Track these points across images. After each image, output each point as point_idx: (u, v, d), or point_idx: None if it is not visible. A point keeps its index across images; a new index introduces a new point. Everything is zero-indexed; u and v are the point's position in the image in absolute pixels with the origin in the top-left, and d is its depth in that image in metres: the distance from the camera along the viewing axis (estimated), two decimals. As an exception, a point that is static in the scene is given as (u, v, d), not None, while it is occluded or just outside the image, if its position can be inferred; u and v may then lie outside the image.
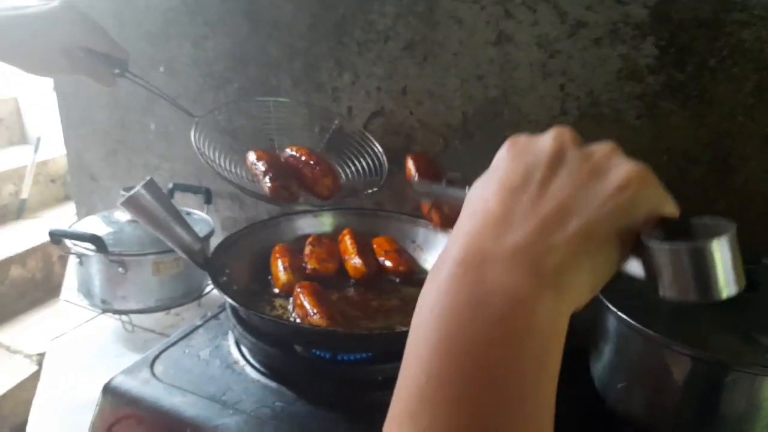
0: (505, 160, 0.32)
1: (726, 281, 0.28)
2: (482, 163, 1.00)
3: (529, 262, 0.27)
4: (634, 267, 0.30)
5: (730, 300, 0.59)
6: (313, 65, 1.04)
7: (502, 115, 0.91)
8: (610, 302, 0.59)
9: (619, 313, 0.58)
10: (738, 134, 0.76)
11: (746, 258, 0.59)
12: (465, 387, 0.25)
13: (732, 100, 0.75)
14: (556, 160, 0.30)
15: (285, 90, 1.06)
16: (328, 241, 0.90)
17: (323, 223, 0.97)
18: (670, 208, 0.30)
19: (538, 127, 0.88)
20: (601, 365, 0.65)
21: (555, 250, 0.27)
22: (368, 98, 1.01)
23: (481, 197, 0.30)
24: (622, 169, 0.29)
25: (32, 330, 2.08)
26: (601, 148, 0.30)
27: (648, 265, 0.29)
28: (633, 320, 0.57)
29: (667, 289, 0.29)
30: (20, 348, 1.98)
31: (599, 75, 0.82)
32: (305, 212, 0.95)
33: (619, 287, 0.62)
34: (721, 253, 0.27)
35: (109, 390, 0.70)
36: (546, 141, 0.31)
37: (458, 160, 0.96)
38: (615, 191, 0.28)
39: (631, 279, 0.66)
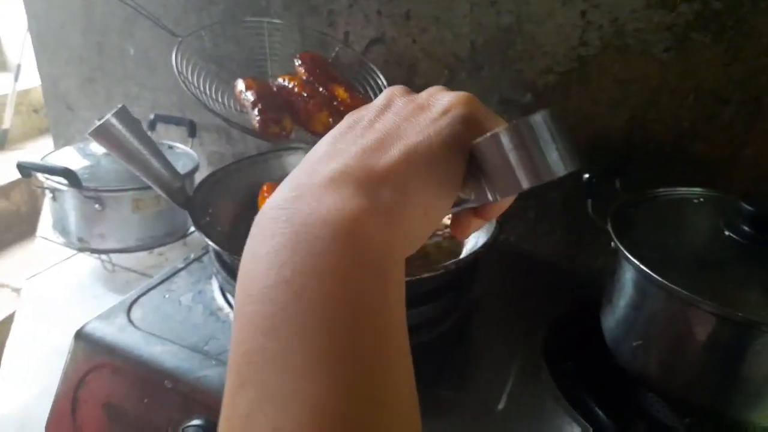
0: (345, 119, 0.30)
1: (551, 159, 0.26)
2: (491, 97, 0.92)
3: (347, 184, 0.25)
4: (473, 193, 0.29)
5: (764, 255, 0.53)
6: (307, -15, 0.94)
7: (514, 45, 0.82)
8: (630, 252, 0.54)
9: (640, 265, 0.53)
10: (776, 71, 0.69)
11: None
12: (295, 331, 0.21)
13: (774, 32, 0.67)
14: (384, 106, 0.29)
15: (275, 12, 0.96)
16: None
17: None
18: (498, 122, 0.29)
19: (553, 59, 0.80)
20: (614, 320, 0.60)
21: (375, 171, 0.25)
22: (367, 23, 0.91)
23: (315, 147, 0.29)
24: (445, 98, 0.29)
25: (18, 264, 2.04)
26: (428, 90, 0.30)
27: (479, 173, 0.28)
28: (654, 273, 0.51)
29: (498, 188, 0.28)
30: (6, 282, 1.95)
31: (626, 1, 0.73)
32: (297, 148, 0.88)
33: (638, 238, 0.57)
34: (538, 129, 0.26)
35: (81, 336, 0.65)
36: (378, 98, 0.31)
37: (464, 95, 0.88)
38: (438, 116, 0.28)
39: (653, 228, 0.61)
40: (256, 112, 0.74)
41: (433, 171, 0.26)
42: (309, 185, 0.25)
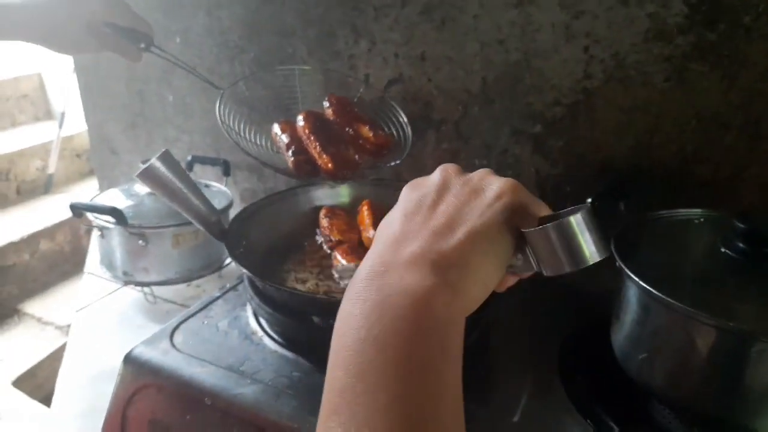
0: (404, 195, 0.38)
1: (589, 250, 0.33)
2: (502, 129, 0.97)
3: (423, 265, 0.32)
4: (521, 262, 0.35)
5: (760, 270, 0.57)
6: (329, 32, 1.01)
7: (523, 80, 0.88)
8: (633, 272, 0.58)
9: (642, 284, 0.56)
10: (772, 96, 0.72)
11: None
12: (378, 377, 0.29)
13: (766, 60, 0.71)
14: (443, 188, 0.36)
15: (301, 58, 1.05)
16: (342, 213, 0.89)
17: (340, 194, 0.96)
18: (541, 209, 0.36)
19: (560, 92, 0.85)
20: (622, 336, 0.63)
21: (445, 254, 0.32)
22: (385, 65, 0.98)
23: (385, 224, 0.36)
24: (495, 184, 0.35)
25: (62, 302, 2.14)
26: (478, 174, 0.37)
27: (529, 254, 0.34)
28: (656, 290, 0.55)
29: (546, 267, 0.34)
30: (51, 320, 2.05)
31: (626, 36, 0.78)
32: (322, 184, 0.94)
33: (641, 257, 0.61)
34: (579, 227, 0.33)
35: (129, 360, 0.71)
36: (435, 176, 0.38)
37: (478, 128, 0.94)
38: (491, 201, 0.34)
39: (654, 250, 0.64)
40: (290, 153, 0.81)
41: (491, 249, 0.33)
42: (394, 263, 0.32)
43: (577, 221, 0.33)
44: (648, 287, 0.55)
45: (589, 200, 0.70)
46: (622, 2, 0.77)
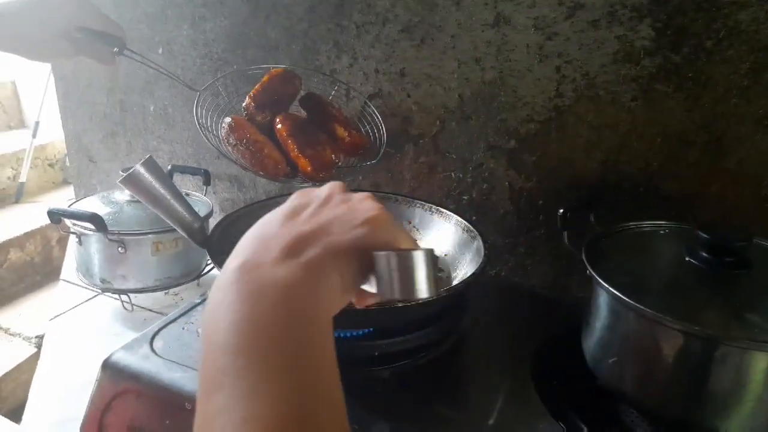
0: (290, 200, 0.40)
1: (420, 286, 0.36)
2: (478, 144, 1.00)
3: (291, 264, 0.34)
4: (371, 284, 0.38)
5: (722, 278, 0.60)
6: (312, 48, 1.04)
7: (498, 97, 0.91)
8: (603, 279, 0.60)
9: (612, 290, 0.59)
10: (732, 116, 0.77)
11: (739, 236, 0.61)
12: (259, 352, 0.31)
13: (727, 81, 0.76)
14: (324, 201, 0.39)
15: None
16: None
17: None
18: (403, 243, 0.38)
19: (533, 109, 0.89)
20: (592, 342, 0.66)
21: (311, 257, 0.35)
22: (366, 80, 1.01)
23: (263, 223, 0.39)
24: (369, 209, 0.38)
25: (31, 313, 2.09)
26: (359, 195, 0.41)
27: (376, 275, 0.37)
28: (625, 296, 0.58)
29: (382, 290, 0.37)
30: (19, 330, 2.00)
31: (596, 57, 0.83)
32: (301, 185, 0.96)
33: (610, 265, 0.64)
34: (416, 263, 0.36)
35: (108, 365, 0.71)
36: (322, 189, 0.41)
37: (454, 142, 0.97)
38: (359, 224, 0.37)
39: (623, 257, 0.68)
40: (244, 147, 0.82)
41: (344, 265, 0.36)
42: (266, 260, 0.35)
43: (417, 256, 0.36)
44: (618, 293, 0.58)
45: (561, 210, 0.74)
46: (593, 25, 0.81)
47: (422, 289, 0.36)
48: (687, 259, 0.62)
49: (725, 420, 0.57)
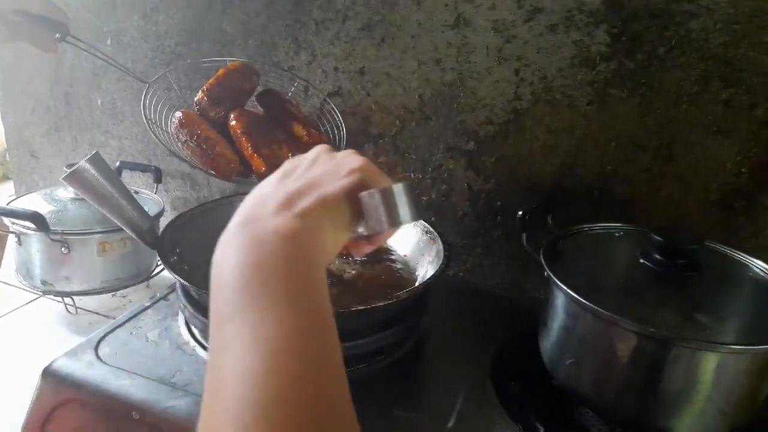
0: (283, 166, 0.45)
1: (404, 214, 0.40)
2: (437, 145, 1.00)
3: (287, 215, 0.38)
4: (362, 228, 0.42)
5: (674, 280, 0.61)
6: (269, 43, 1.01)
7: (457, 98, 0.91)
8: (560, 280, 0.61)
9: (568, 291, 0.59)
10: (683, 122, 0.79)
11: (691, 239, 0.62)
12: (262, 287, 0.34)
13: (678, 88, 0.78)
14: (313, 161, 0.44)
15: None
16: None
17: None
18: (383, 182, 0.42)
19: (492, 111, 0.89)
20: (549, 343, 0.67)
21: (304, 207, 0.39)
22: (325, 78, 0.99)
23: (260, 186, 0.43)
24: (353, 161, 0.43)
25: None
26: (343, 152, 0.45)
27: (362, 214, 0.41)
28: (581, 297, 0.58)
29: (369, 225, 0.41)
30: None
31: (553, 61, 0.83)
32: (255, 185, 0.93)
33: (567, 267, 0.64)
34: (398, 194, 0.40)
35: (49, 374, 0.67)
36: (310, 153, 0.45)
37: (414, 143, 0.97)
38: (345, 174, 0.41)
39: (579, 259, 0.68)
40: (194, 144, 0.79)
41: (336, 212, 0.40)
42: (263, 214, 0.39)
43: (397, 189, 0.40)
44: (575, 295, 0.59)
45: (520, 212, 0.74)
46: (551, 29, 0.82)
47: (406, 216, 0.40)
48: (641, 261, 0.64)
49: (677, 419, 0.58)
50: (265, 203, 0.39)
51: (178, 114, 0.80)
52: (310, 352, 0.32)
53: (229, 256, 0.37)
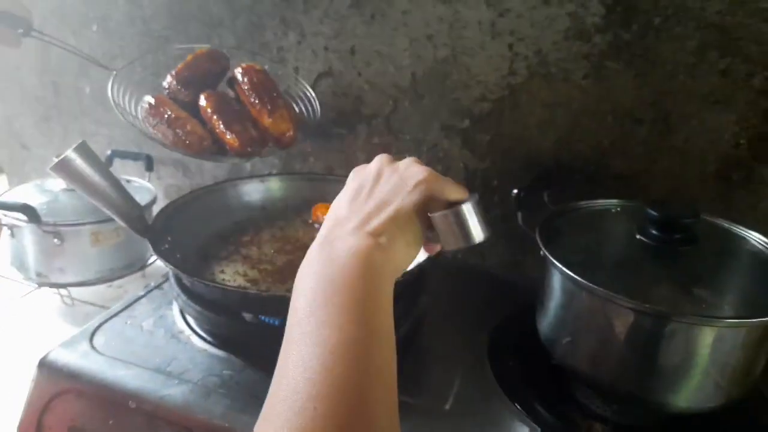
0: (349, 183, 0.48)
1: (476, 232, 0.43)
2: (431, 124, 0.99)
3: (361, 235, 0.42)
4: (433, 237, 0.45)
5: (671, 254, 0.60)
6: (257, 24, 0.99)
7: (451, 75, 0.89)
8: (556, 258, 0.60)
9: (564, 269, 0.59)
10: (679, 93, 0.77)
11: (687, 213, 0.61)
12: (330, 308, 0.38)
13: (674, 59, 0.76)
14: (377, 177, 0.46)
15: (228, 50, 1.02)
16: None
17: (270, 188, 0.94)
18: (452, 193, 0.45)
19: (486, 87, 0.87)
20: (547, 321, 0.66)
21: (376, 228, 0.42)
22: (315, 58, 0.97)
23: (334, 208, 0.47)
24: (417, 174, 0.45)
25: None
26: (404, 163, 0.47)
27: (436, 232, 0.44)
28: (577, 275, 0.58)
29: (445, 243, 0.44)
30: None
31: (548, 34, 0.82)
32: (251, 177, 0.92)
33: (563, 244, 0.63)
34: (468, 213, 0.43)
35: (45, 365, 0.67)
36: (372, 166, 0.48)
37: (408, 122, 0.95)
38: (412, 188, 0.44)
39: (576, 236, 0.67)
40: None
41: (407, 226, 0.43)
42: (340, 235, 0.43)
43: (467, 209, 0.43)
44: (570, 273, 0.58)
45: (515, 191, 0.73)
46: (544, 2, 0.80)
47: (479, 234, 0.43)
48: (638, 237, 0.63)
49: (673, 394, 0.58)
50: (341, 224, 0.44)
51: (148, 97, 0.80)
52: (363, 361, 0.36)
53: (309, 270, 0.41)
